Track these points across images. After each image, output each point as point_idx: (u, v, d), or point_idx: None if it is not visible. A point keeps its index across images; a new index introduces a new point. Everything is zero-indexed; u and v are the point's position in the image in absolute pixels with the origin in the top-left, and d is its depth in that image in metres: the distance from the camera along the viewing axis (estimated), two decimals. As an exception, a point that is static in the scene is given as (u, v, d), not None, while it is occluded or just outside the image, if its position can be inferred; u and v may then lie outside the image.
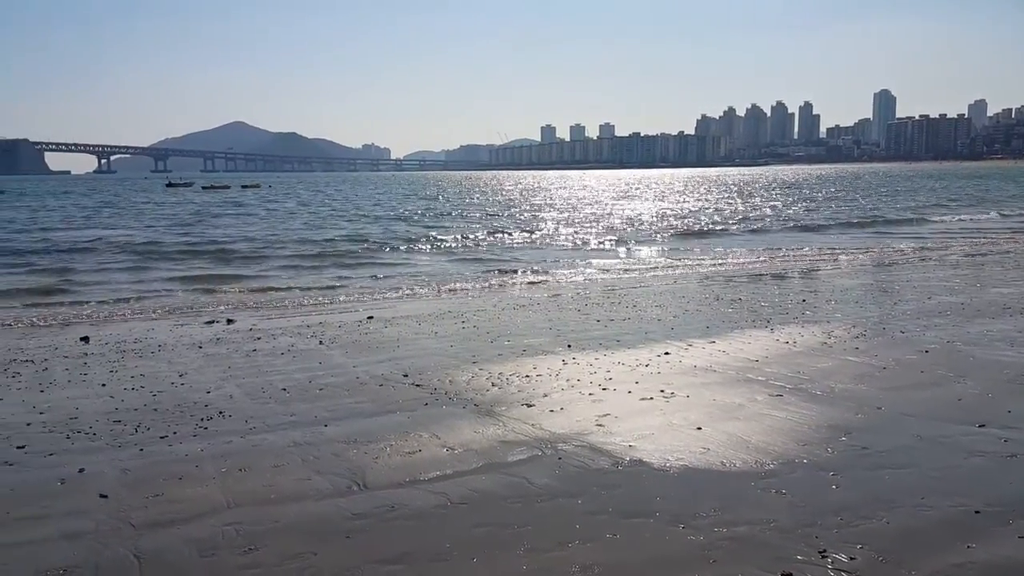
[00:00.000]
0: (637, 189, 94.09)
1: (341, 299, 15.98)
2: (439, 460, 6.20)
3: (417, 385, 8.50)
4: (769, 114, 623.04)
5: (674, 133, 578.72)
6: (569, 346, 10.32)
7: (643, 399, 7.71)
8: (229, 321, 13.15)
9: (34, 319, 14.03)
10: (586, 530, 4.90)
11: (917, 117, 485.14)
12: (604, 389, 8.10)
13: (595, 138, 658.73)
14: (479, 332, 11.50)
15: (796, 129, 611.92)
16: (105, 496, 5.58)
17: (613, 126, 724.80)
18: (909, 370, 8.69)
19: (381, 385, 8.55)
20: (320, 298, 16.22)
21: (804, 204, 52.33)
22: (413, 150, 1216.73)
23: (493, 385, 8.43)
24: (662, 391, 7.98)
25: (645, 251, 25.78)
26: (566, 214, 46.23)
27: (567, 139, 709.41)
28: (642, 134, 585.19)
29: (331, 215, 47.36)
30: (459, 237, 29.98)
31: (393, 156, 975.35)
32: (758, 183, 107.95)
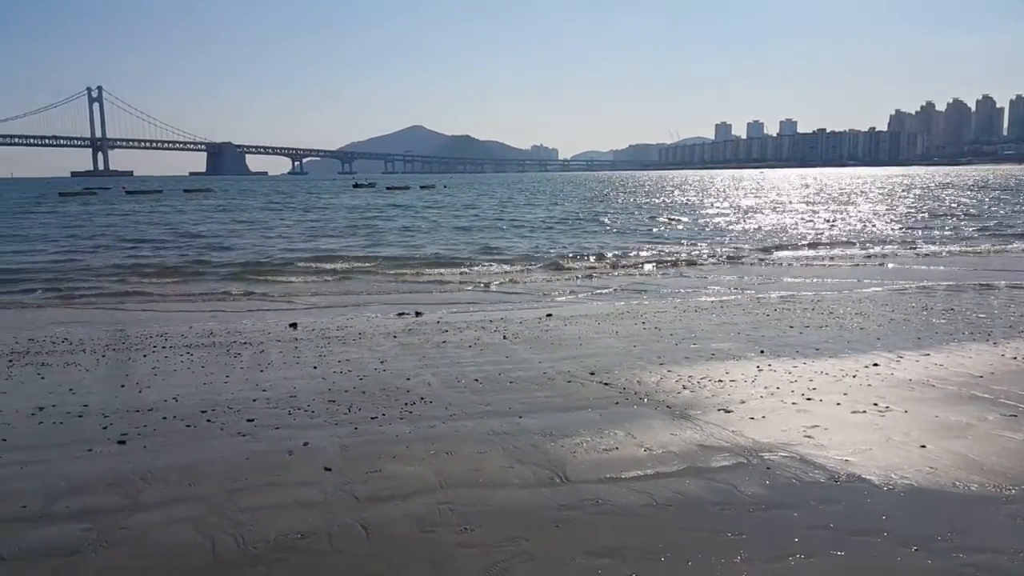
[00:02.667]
0: (818, 194, 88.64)
1: (516, 298, 16.26)
2: (638, 459, 6.13)
3: (605, 384, 8.47)
4: (974, 109, 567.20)
5: (864, 129, 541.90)
6: (762, 352, 9.90)
7: (854, 412, 7.24)
8: (417, 313, 13.78)
9: (248, 306, 15.46)
10: (806, 544, 4.66)
11: None
12: (808, 399, 7.69)
13: (775, 135, 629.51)
14: (662, 333, 11.30)
15: (1005, 125, 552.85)
16: (329, 469, 5.99)
17: (795, 122, 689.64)
18: None
19: (569, 382, 8.60)
20: (498, 296, 16.66)
21: None
22: (581, 150, 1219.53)
23: (684, 388, 8.24)
24: (875, 404, 7.45)
25: (837, 252, 24.31)
26: (747, 217, 44.50)
27: (743, 136, 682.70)
28: (828, 130, 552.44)
29: (500, 222, 44.98)
30: (633, 245, 29.37)
31: (560, 156, 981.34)
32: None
